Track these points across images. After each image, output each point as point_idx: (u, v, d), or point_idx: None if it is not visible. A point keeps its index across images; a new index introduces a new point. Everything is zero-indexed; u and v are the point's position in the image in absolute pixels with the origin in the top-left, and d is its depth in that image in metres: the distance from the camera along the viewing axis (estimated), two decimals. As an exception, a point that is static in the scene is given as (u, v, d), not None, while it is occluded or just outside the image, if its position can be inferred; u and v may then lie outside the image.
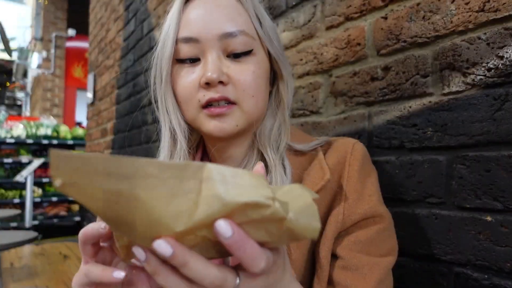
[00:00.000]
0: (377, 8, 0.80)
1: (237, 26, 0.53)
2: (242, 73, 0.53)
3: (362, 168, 0.57)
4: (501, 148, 0.60)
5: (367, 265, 0.52)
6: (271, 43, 0.57)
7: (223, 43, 0.53)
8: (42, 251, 2.67)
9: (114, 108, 2.64)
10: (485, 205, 0.61)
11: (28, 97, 9.89)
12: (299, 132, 0.65)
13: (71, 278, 0.68)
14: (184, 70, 0.56)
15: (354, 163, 0.57)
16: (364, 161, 0.58)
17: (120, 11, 2.59)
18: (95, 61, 3.21)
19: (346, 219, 0.54)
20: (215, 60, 0.53)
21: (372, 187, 0.57)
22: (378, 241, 0.54)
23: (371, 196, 0.56)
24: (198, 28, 0.53)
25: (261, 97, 0.56)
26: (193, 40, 0.54)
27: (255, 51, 0.55)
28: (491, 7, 0.61)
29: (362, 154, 0.58)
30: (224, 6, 0.54)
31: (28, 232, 2.49)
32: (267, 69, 0.58)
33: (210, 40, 0.53)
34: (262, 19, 0.57)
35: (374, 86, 0.80)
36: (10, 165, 5.24)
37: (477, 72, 0.63)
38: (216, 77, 0.51)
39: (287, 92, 0.60)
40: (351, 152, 0.57)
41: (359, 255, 0.53)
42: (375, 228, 0.55)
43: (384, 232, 0.55)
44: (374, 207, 0.55)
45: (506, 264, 0.58)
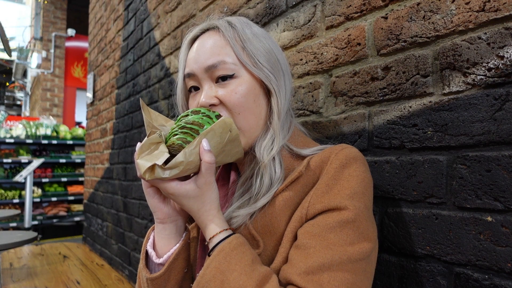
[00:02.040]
0: (377, 7, 0.79)
1: (218, 58, 0.66)
2: (227, 94, 0.65)
3: (341, 166, 0.60)
4: (501, 148, 0.60)
5: (315, 247, 0.55)
6: (254, 64, 0.66)
7: (209, 73, 0.67)
8: (42, 251, 2.66)
9: (114, 108, 2.64)
10: (485, 205, 0.61)
11: (28, 97, 9.88)
12: (306, 140, 0.72)
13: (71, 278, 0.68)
14: (192, 97, 0.71)
15: (334, 162, 0.61)
16: (346, 161, 0.61)
17: (120, 10, 2.59)
18: (95, 61, 3.21)
19: (310, 207, 0.59)
20: (207, 89, 0.67)
21: (346, 183, 0.59)
22: (339, 231, 0.55)
23: (340, 191, 0.58)
24: (192, 65, 0.69)
25: (250, 113, 0.66)
26: (191, 75, 0.69)
27: (237, 74, 0.66)
28: (491, 7, 0.61)
29: (348, 156, 0.61)
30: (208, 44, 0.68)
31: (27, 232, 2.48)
32: (255, 87, 0.67)
33: (200, 73, 0.67)
34: (246, 44, 0.67)
35: (374, 86, 0.80)
36: (9, 165, 5.24)
37: (477, 72, 0.63)
38: (206, 102, 0.65)
39: (277, 105, 0.68)
40: (337, 153, 0.62)
41: (313, 237, 0.56)
42: (337, 218, 0.56)
43: (347, 225, 0.56)
44: (339, 199, 0.57)
45: (507, 264, 0.58)
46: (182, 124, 0.59)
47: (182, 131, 0.58)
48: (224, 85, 0.66)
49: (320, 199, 0.58)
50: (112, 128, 2.67)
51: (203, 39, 0.69)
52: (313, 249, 0.54)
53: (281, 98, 0.68)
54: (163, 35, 1.89)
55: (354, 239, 0.55)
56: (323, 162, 0.62)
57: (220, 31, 0.68)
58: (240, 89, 0.65)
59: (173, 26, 1.79)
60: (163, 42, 1.88)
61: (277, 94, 0.68)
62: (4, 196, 4.98)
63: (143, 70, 2.13)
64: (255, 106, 0.67)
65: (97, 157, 3.02)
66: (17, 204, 5.15)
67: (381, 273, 0.77)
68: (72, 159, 5.45)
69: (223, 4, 1.35)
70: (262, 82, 0.68)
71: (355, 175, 0.60)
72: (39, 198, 5.17)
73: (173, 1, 1.79)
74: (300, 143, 0.70)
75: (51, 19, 7.53)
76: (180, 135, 0.58)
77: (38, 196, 5.18)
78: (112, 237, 2.55)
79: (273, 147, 0.66)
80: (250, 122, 0.66)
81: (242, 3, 1.24)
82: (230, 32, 0.67)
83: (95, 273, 2.18)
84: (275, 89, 0.68)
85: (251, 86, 0.66)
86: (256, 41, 0.68)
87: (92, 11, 3.39)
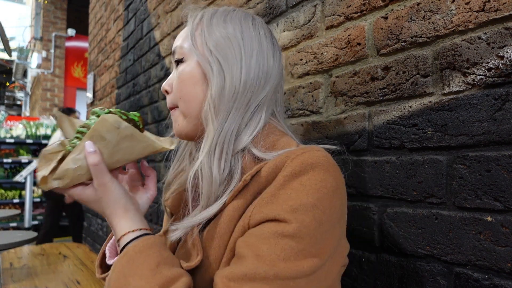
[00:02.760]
0: (377, 7, 0.79)
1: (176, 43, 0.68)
2: (174, 80, 0.67)
3: (293, 175, 0.52)
4: (501, 148, 0.60)
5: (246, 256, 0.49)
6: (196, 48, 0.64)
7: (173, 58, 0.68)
8: (42, 251, 2.67)
9: (114, 108, 2.64)
10: (485, 205, 0.61)
11: (28, 97, 9.88)
12: (276, 139, 0.62)
13: (71, 278, 0.68)
14: None
15: (287, 169, 0.53)
16: (301, 168, 0.52)
17: (120, 10, 2.59)
18: (95, 61, 3.21)
19: (252, 217, 0.53)
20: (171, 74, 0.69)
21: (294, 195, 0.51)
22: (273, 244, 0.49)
23: (286, 201, 0.51)
24: None
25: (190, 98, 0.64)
26: None
27: (186, 59, 0.66)
28: (491, 7, 0.61)
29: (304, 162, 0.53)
30: (180, 34, 0.69)
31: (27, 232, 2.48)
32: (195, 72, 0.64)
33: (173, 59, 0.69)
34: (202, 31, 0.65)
35: (374, 86, 0.80)
36: (9, 165, 5.24)
37: (477, 72, 0.63)
38: (162, 87, 0.69)
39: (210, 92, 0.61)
40: (293, 158, 0.54)
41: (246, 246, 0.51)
42: (273, 229, 0.50)
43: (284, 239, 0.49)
44: (278, 211, 0.50)
45: (507, 264, 0.58)
46: (77, 129, 0.59)
47: (75, 136, 0.58)
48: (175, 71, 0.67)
49: (261, 209, 0.52)
50: (112, 128, 2.67)
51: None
52: (244, 258, 0.49)
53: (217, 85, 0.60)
54: (163, 35, 1.89)
55: (291, 255, 0.48)
56: (277, 168, 0.54)
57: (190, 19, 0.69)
58: (181, 74, 0.65)
59: (173, 26, 1.79)
60: (163, 42, 1.88)
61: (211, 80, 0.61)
62: (4, 196, 4.98)
63: (143, 70, 2.13)
64: (195, 92, 0.63)
65: (97, 157, 3.02)
66: (17, 204, 5.15)
67: (381, 273, 0.77)
68: (72, 159, 5.44)
69: (223, 4, 1.35)
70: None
71: (307, 184, 0.51)
72: (39, 198, 5.17)
73: (173, 1, 1.79)
74: (267, 145, 0.60)
75: (51, 19, 7.53)
76: (73, 140, 0.58)
77: (38, 196, 5.18)
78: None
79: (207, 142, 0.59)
80: (191, 107, 0.64)
81: (242, 3, 1.24)
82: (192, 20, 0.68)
83: (95, 273, 2.18)
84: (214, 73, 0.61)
85: (193, 70, 0.64)
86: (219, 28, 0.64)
87: (92, 11, 3.39)
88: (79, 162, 0.55)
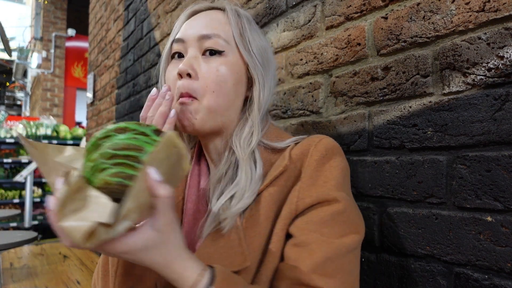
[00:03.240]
0: (377, 8, 0.79)
1: (213, 30, 0.64)
2: (209, 70, 0.63)
3: (322, 158, 0.61)
4: (501, 148, 0.60)
5: (316, 242, 0.55)
6: (247, 51, 0.66)
7: (200, 43, 0.64)
8: (42, 251, 2.67)
9: (114, 108, 2.64)
10: (485, 205, 0.61)
11: (28, 97, 9.88)
12: (280, 133, 0.70)
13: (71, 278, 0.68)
14: (172, 64, 0.68)
15: (314, 154, 0.61)
16: (326, 153, 0.61)
17: (120, 11, 2.59)
18: (95, 61, 3.21)
19: (299, 202, 0.58)
20: (191, 57, 0.64)
21: (330, 174, 0.60)
22: (333, 223, 0.57)
23: (326, 182, 0.59)
24: (184, 31, 0.67)
25: (224, 94, 0.63)
26: (180, 40, 0.66)
27: (226, 53, 0.64)
28: (491, 7, 0.61)
29: (326, 147, 0.62)
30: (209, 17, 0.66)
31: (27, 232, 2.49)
32: (239, 72, 0.66)
33: (191, 40, 0.65)
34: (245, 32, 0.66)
35: (374, 86, 0.80)
36: (10, 165, 5.24)
37: (477, 72, 0.63)
38: (184, 70, 0.62)
39: (258, 96, 0.66)
40: (315, 145, 0.62)
41: (310, 233, 0.56)
42: (329, 210, 0.57)
43: (339, 216, 0.57)
44: (327, 191, 0.58)
45: (507, 264, 0.58)
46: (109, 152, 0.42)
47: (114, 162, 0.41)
48: (209, 60, 0.64)
49: (308, 192, 0.58)
50: (112, 128, 2.67)
51: (206, 13, 0.68)
52: (314, 245, 0.55)
53: (264, 92, 0.67)
54: (163, 35, 1.89)
55: (346, 229, 0.57)
56: (303, 155, 0.62)
57: (226, 12, 0.67)
58: (223, 68, 0.63)
59: (173, 26, 1.79)
60: (163, 42, 1.88)
61: (261, 85, 0.66)
62: (5, 196, 4.98)
63: (143, 70, 2.13)
64: (233, 90, 0.65)
65: (97, 157, 3.02)
66: (17, 204, 5.16)
67: (381, 273, 0.77)
68: (72, 159, 5.44)
69: (223, 4, 1.35)
70: (248, 71, 0.66)
71: (334, 165, 0.61)
72: (39, 198, 5.18)
73: (173, 1, 1.79)
74: (273, 136, 0.68)
75: (51, 19, 7.53)
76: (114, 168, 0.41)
77: (39, 196, 5.18)
78: (112, 237, 2.55)
79: (252, 140, 0.64)
80: (221, 104, 0.64)
81: (242, 3, 1.24)
82: (234, 16, 0.67)
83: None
84: (260, 80, 0.66)
85: (236, 69, 0.65)
86: (254, 35, 0.68)
87: (92, 11, 3.40)
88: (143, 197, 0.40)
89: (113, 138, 0.43)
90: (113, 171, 0.41)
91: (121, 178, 0.41)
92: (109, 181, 0.41)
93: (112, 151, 0.41)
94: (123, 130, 0.43)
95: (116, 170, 0.41)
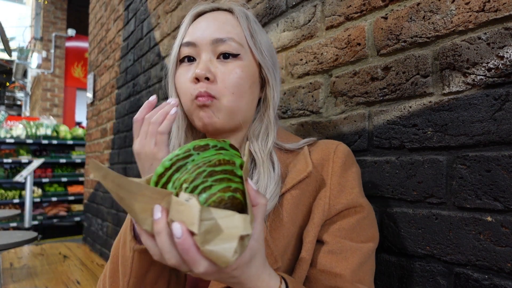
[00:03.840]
0: (377, 8, 0.79)
1: (227, 34, 0.64)
2: (227, 72, 0.63)
3: (344, 164, 0.64)
4: (501, 148, 0.60)
5: (350, 249, 0.58)
6: (260, 53, 0.67)
7: (214, 47, 0.64)
8: (42, 251, 2.67)
9: (114, 108, 2.64)
10: (485, 205, 0.61)
11: (28, 97, 9.88)
12: (287, 133, 0.73)
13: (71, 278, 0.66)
14: (184, 68, 0.66)
15: (337, 161, 0.64)
16: (346, 159, 0.65)
17: (120, 11, 2.59)
18: (95, 61, 3.21)
19: (331, 209, 0.61)
20: (206, 60, 0.63)
21: (354, 181, 0.63)
22: (359, 229, 0.61)
23: (353, 189, 0.62)
24: (196, 35, 0.65)
25: (243, 95, 0.64)
26: (191, 44, 0.65)
27: (241, 56, 0.65)
28: (491, 7, 0.61)
29: (345, 153, 0.65)
30: (220, 20, 0.66)
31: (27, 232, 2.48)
32: (254, 74, 0.67)
33: (204, 44, 0.64)
34: (255, 34, 0.67)
35: (374, 86, 0.80)
36: (9, 165, 5.24)
37: (477, 72, 0.63)
38: (203, 74, 0.61)
39: (273, 96, 0.69)
40: (335, 151, 0.65)
41: (343, 241, 0.59)
42: (356, 217, 0.61)
43: (364, 221, 0.61)
44: (355, 198, 0.62)
45: (507, 264, 0.58)
46: (206, 169, 0.41)
47: (215, 178, 0.41)
48: (225, 63, 0.64)
49: (338, 199, 0.61)
50: (112, 128, 2.67)
51: (214, 15, 0.67)
52: (348, 253, 0.58)
53: (277, 91, 0.69)
54: (163, 35, 1.89)
55: (369, 233, 0.61)
56: (324, 160, 0.64)
57: (234, 15, 0.67)
58: (239, 71, 0.64)
59: (173, 26, 1.79)
60: (163, 42, 1.88)
61: (273, 85, 0.69)
62: (4, 196, 4.98)
63: (143, 70, 2.13)
64: (250, 92, 0.66)
65: (97, 157, 3.02)
66: (17, 204, 5.15)
67: (381, 273, 0.77)
68: (72, 159, 5.44)
69: (223, 4, 1.35)
70: (261, 72, 0.68)
71: (355, 171, 0.65)
72: (39, 198, 5.17)
73: (173, 1, 1.79)
74: (283, 137, 0.70)
75: (51, 19, 7.53)
76: (220, 184, 0.41)
77: (38, 196, 5.18)
78: (112, 237, 2.55)
79: (268, 140, 0.66)
80: (240, 105, 0.64)
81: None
82: (243, 18, 0.67)
83: (95, 273, 2.18)
84: (272, 80, 0.69)
85: (252, 71, 0.66)
86: (262, 35, 0.69)
87: (92, 11, 3.40)
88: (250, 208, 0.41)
89: (199, 157, 0.42)
90: (222, 187, 0.41)
91: (230, 192, 0.41)
92: (223, 197, 0.40)
93: (210, 168, 0.41)
94: (205, 148, 0.43)
95: (223, 186, 0.41)
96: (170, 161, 0.41)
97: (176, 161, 0.41)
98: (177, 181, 0.41)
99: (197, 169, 0.41)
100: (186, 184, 0.40)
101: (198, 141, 0.43)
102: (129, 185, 0.38)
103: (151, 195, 0.39)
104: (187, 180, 0.40)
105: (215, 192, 0.40)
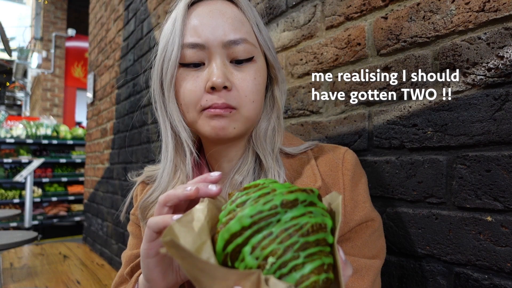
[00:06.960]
0: (377, 8, 0.79)
1: (240, 34, 0.56)
2: (245, 80, 0.56)
3: (354, 177, 0.61)
4: (501, 148, 0.60)
5: (364, 267, 0.57)
6: (269, 50, 0.61)
7: (227, 50, 0.56)
8: (42, 251, 2.67)
9: (114, 108, 2.64)
10: (485, 205, 0.61)
11: (28, 97, 9.88)
12: (289, 135, 0.68)
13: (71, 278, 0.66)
14: (189, 74, 0.57)
15: (346, 173, 0.60)
16: (355, 170, 0.62)
17: (120, 11, 2.59)
18: (95, 61, 3.21)
19: (345, 226, 0.58)
20: (221, 66, 0.55)
21: (365, 194, 0.61)
22: (370, 243, 0.59)
23: (365, 203, 0.60)
24: (205, 34, 0.56)
25: (260, 101, 0.60)
26: (200, 46, 0.56)
27: (255, 58, 0.58)
28: (491, 7, 0.61)
29: (353, 163, 0.62)
30: (228, 15, 0.57)
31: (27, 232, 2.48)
32: (265, 74, 0.61)
33: (215, 46, 0.55)
34: (263, 29, 0.61)
35: (374, 86, 0.80)
36: (10, 165, 5.24)
37: (477, 72, 0.63)
38: (221, 82, 0.54)
39: (281, 96, 0.64)
40: (343, 162, 0.61)
41: (357, 259, 0.57)
42: (368, 232, 0.59)
43: (374, 233, 0.60)
44: (368, 213, 0.60)
45: (506, 264, 0.58)
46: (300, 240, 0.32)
47: (308, 253, 0.33)
48: (241, 68, 0.57)
49: (351, 216, 0.59)
50: (112, 128, 2.67)
51: (216, 5, 0.57)
52: (363, 271, 0.56)
53: (284, 92, 0.65)
54: (163, 35, 1.89)
55: (378, 245, 0.60)
56: (332, 171, 0.60)
57: (239, 7, 0.59)
58: (257, 76, 0.58)
59: (173, 26, 1.79)
60: (163, 42, 1.88)
61: (281, 85, 0.64)
62: (5, 196, 4.98)
63: (143, 70, 2.13)
64: (262, 94, 0.61)
65: (97, 157, 3.02)
66: (18, 204, 5.15)
67: (381, 273, 0.77)
68: (72, 159, 5.45)
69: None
70: (269, 71, 0.63)
71: (363, 181, 0.63)
72: (39, 198, 5.17)
73: (173, 1, 1.79)
74: (285, 140, 0.64)
75: (51, 19, 7.53)
76: (311, 262, 0.32)
77: (39, 196, 5.18)
78: (112, 237, 2.55)
79: (275, 143, 0.61)
80: (258, 112, 0.60)
81: (242, 3, 1.24)
82: (249, 11, 0.59)
83: (95, 273, 2.18)
84: (280, 79, 0.64)
85: (264, 72, 0.60)
86: (266, 29, 0.63)
87: (92, 11, 3.39)
88: None
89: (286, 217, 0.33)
90: (315, 266, 0.33)
91: (324, 273, 0.33)
92: (317, 281, 0.32)
93: (303, 239, 0.33)
94: (293, 204, 0.34)
95: (317, 264, 0.33)
96: (251, 218, 0.33)
97: (258, 220, 0.33)
98: (259, 249, 0.32)
99: (288, 239, 0.32)
100: (273, 259, 0.32)
101: (286, 193, 0.34)
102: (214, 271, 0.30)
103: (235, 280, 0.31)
104: (274, 252, 0.32)
105: (308, 274, 0.32)
